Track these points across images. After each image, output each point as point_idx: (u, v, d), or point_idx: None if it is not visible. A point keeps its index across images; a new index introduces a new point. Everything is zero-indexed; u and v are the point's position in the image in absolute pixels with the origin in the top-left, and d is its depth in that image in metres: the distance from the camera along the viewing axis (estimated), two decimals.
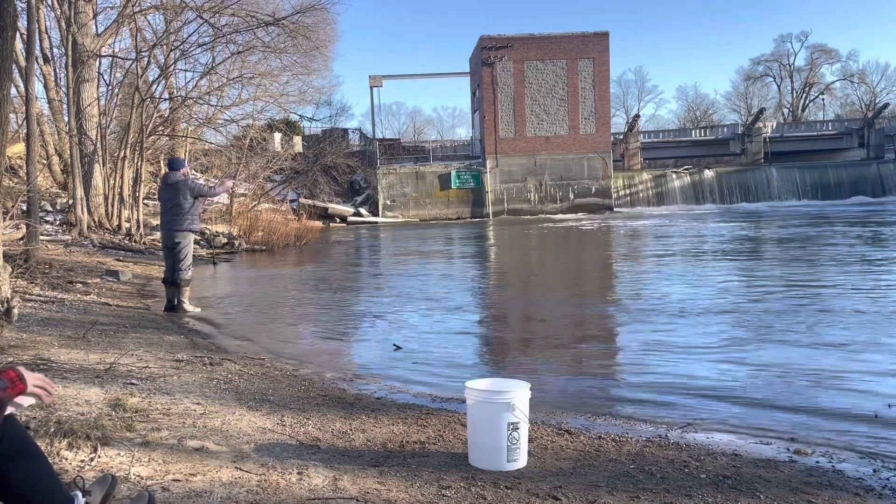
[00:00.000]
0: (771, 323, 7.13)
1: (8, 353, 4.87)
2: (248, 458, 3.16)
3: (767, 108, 63.74)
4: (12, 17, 4.82)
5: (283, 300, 9.96)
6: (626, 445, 3.63)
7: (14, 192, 13.67)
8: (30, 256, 10.02)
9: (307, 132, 42.09)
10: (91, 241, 14.87)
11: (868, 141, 46.09)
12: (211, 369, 5.09)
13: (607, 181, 38.61)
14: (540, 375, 5.29)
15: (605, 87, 38.55)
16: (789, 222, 24.32)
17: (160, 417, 3.66)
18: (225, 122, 24.50)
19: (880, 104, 55.97)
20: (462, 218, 37.29)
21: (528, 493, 2.90)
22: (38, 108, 16.72)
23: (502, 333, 7.73)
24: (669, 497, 2.88)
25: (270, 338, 7.08)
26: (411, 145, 45.76)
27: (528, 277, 12.92)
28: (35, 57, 14.99)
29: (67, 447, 2.95)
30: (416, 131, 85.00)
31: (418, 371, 5.61)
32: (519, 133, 38.14)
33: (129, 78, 19.64)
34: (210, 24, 18.40)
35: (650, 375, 5.28)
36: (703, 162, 47.67)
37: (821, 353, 5.78)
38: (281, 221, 21.86)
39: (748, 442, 3.78)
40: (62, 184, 20.07)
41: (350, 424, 3.88)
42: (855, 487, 3.07)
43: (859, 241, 16.04)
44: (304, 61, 23.37)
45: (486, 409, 3.20)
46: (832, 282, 9.88)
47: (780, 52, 70.86)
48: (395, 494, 2.84)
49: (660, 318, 7.54)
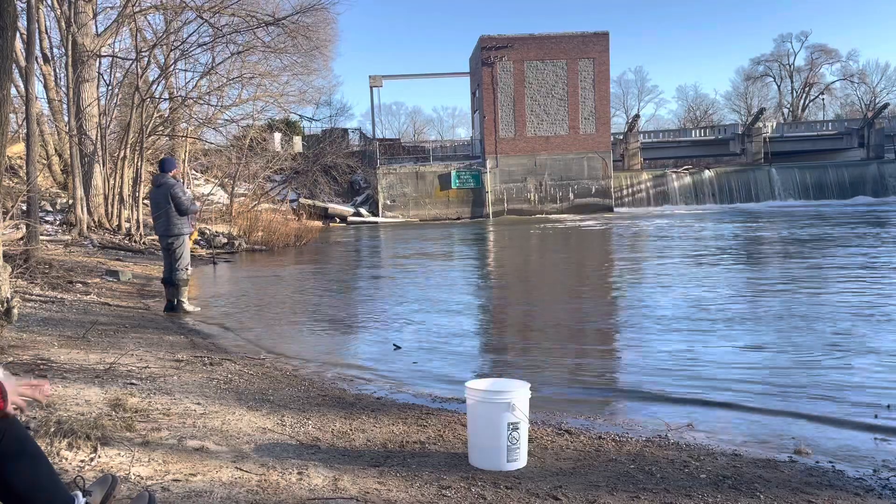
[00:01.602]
0: (771, 323, 7.13)
1: (8, 353, 4.87)
2: (248, 458, 3.16)
3: (767, 108, 63.75)
4: (12, 17, 4.82)
5: (283, 300, 9.95)
6: (626, 445, 3.63)
7: (14, 192, 13.67)
8: (30, 256, 10.02)
9: (307, 132, 42.10)
10: (91, 241, 14.87)
11: (868, 141, 46.08)
12: (211, 369, 5.09)
13: (607, 181, 38.61)
14: (540, 375, 5.29)
15: (605, 87, 38.55)
16: (790, 222, 24.31)
17: (160, 417, 3.66)
18: (225, 122, 24.49)
19: (880, 104, 55.99)
20: (462, 218, 37.29)
21: (528, 493, 2.90)
22: (38, 108, 16.72)
23: (502, 333, 7.73)
24: (669, 497, 2.88)
25: (270, 338, 7.08)
26: (411, 145, 45.75)
27: (528, 278, 12.91)
28: (35, 57, 14.99)
29: (67, 447, 2.95)
30: (416, 131, 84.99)
31: (418, 371, 5.62)
32: (519, 133, 38.14)
33: (129, 78, 19.63)
34: (210, 24, 18.40)
35: (650, 375, 5.28)
36: (703, 162, 47.66)
37: (821, 354, 5.77)
38: (281, 221, 21.84)
39: (748, 442, 3.78)
40: (62, 184, 20.07)
41: (350, 424, 3.88)
42: (855, 487, 3.07)
43: (867, 241, 16.04)
44: (304, 61, 23.39)
45: (486, 409, 3.20)
46: (832, 282, 9.88)
47: (780, 52, 70.92)
48: (395, 494, 2.84)
49: (660, 319, 7.54)
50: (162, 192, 8.19)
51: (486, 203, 37.68)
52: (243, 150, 25.96)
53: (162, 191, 8.20)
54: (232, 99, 24.93)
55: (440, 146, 44.78)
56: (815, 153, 47.64)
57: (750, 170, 42.94)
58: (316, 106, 39.97)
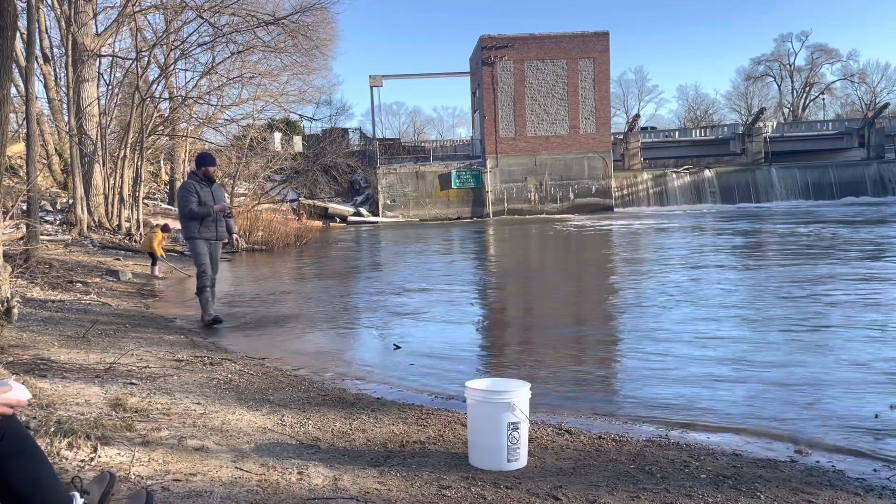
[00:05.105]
0: (772, 323, 7.13)
1: (8, 353, 4.87)
2: (248, 457, 3.16)
3: (767, 107, 63.72)
4: (12, 17, 4.82)
5: (284, 300, 9.95)
6: (627, 445, 3.63)
7: (14, 192, 13.67)
8: (30, 256, 10.02)
9: (307, 132, 42.11)
10: (91, 240, 14.87)
11: (868, 141, 46.05)
12: (211, 369, 5.09)
13: (607, 181, 38.60)
14: (540, 375, 5.29)
15: (605, 87, 38.53)
16: (790, 222, 24.31)
17: (160, 417, 3.65)
18: (225, 121, 24.50)
19: (881, 104, 55.93)
20: (462, 218, 37.28)
21: (528, 493, 2.90)
22: (38, 108, 16.73)
23: (502, 333, 7.72)
24: (669, 497, 2.88)
25: (271, 337, 7.08)
26: (411, 145, 45.71)
27: (528, 278, 12.91)
28: (35, 57, 15.00)
29: (67, 447, 2.95)
30: (416, 131, 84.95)
31: (418, 371, 5.61)
32: (519, 133, 38.13)
33: (129, 78, 19.64)
34: (210, 23, 18.41)
35: (650, 375, 5.28)
36: (704, 162, 47.65)
37: (822, 354, 5.77)
38: (281, 221, 21.83)
39: (748, 442, 3.78)
40: (62, 184, 20.08)
41: (350, 424, 3.88)
42: (855, 487, 3.07)
43: (868, 242, 16.04)
44: (304, 61, 23.39)
45: (487, 408, 3.20)
46: (833, 282, 9.88)
47: (780, 51, 70.90)
48: (395, 494, 2.84)
49: (660, 319, 7.53)
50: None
51: (486, 203, 37.67)
52: (243, 149, 25.96)
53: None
54: (232, 99, 24.96)
55: (440, 146, 44.73)
56: (815, 153, 47.61)
57: (750, 170, 42.92)
58: (316, 106, 40.04)
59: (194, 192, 7.42)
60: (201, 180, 7.56)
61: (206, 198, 7.50)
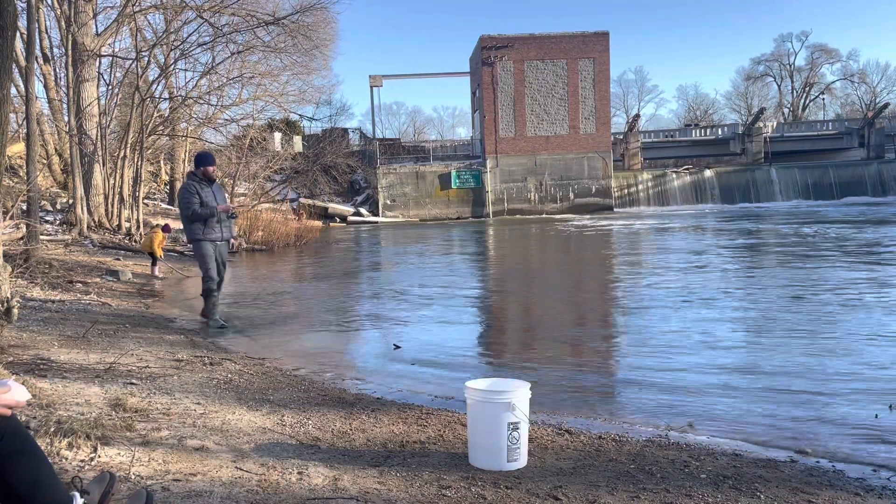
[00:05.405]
0: (772, 324, 7.12)
1: (8, 353, 4.87)
2: (248, 457, 3.16)
3: (767, 107, 63.68)
4: (12, 17, 4.82)
5: (283, 300, 9.95)
6: (627, 445, 3.63)
7: (14, 192, 13.67)
8: (30, 256, 10.02)
9: (307, 132, 42.07)
10: (91, 240, 14.86)
11: (868, 141, 46.04)
12: (211, 369, 5.09)
13: (608, 181, 38.59)
14: (540, 375, 5.29)
15: (605, 87, 38.52)
16: (793, 223, 24.30)
17: (160, 417, 3.65)
18: (225, 121, 24.47)
19: (881, 104, 55.91)
20: (462, 218, 37.27)
21: (528, 493, 2.90)
22: (38, 108, 16.73)
23: (502, 333, 7.72)
24: (669, 497, 2.88)
25: (270, 337, 7.08)
26: (411, 145, 45.69)
27: (528, 278, 12.91)
28: (35, 57, 15.00)
29: (67, 447, 2.95)
30: (416, 131, 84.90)
31: (418, 371, 5.61)
32: (519, 133, 38.12)
33: (129, 78, 19.63)
34: (210, 23, 18.40)
35: (650, 376, 5.28)
36: (704, 162, 47.62)
37: (822, 354, 5.77)
38: (281, 221, 21.82)
39: (748, 442, 3.78)
40: (62, 184, 20.07)
41: (350, 424, 3.87)
42: (855, 487, 3.07)
43: (868, 242, 16.04)
44: (304, 61, 23.35)
45: (487, 408, 3.20)
46: (833, 282, 9.88)
47: (780, 51, 70.83)
48: (395, 494, 2.84)
49: (660, 319, 7.53)
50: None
51: (486, 203, 37.66)
52: (243, 149, 25.94)
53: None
54: (232, 98, 24.93)
55: (440, 146, 44.71)
56: (815, 153, 47.60)
57: (750, 170, 42.90)
58: (316, 105, 40.04)
59: (195, 193, 7.27)
60: (201, 180, 7.42)
61: (208, 198, 7.35)
